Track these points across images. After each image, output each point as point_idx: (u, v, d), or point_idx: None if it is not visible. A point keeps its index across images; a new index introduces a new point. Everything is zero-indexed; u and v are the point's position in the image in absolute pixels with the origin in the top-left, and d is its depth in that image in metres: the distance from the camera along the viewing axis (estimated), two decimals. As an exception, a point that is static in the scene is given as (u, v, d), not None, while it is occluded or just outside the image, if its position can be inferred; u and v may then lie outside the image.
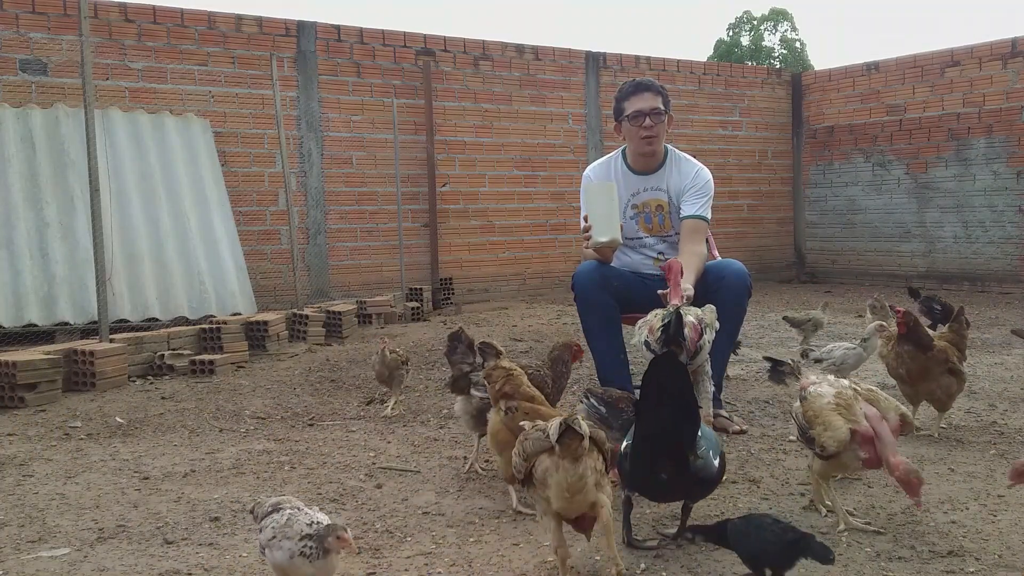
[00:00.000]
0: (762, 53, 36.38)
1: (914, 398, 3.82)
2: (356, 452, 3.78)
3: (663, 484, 2.43)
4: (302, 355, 6.50)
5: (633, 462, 2.44)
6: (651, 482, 2.45)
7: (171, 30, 8.40)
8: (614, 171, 4.31)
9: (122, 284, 6.98)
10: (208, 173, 7.79)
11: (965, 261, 10.82)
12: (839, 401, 2.65)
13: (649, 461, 2.39)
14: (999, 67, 10.39)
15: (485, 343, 3.08)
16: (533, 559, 2.52)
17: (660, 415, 2.33)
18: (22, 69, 7.66)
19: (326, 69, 9.25)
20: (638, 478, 2.48)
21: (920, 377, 3.71)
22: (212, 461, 3.67)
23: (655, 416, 2.34)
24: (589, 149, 10.94)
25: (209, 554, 2.63)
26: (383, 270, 9.57)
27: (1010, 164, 10.32)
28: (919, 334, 3.76)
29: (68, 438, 4.13)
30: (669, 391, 2.31)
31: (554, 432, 2.20)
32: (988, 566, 2.40)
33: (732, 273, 3.98)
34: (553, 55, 10.80)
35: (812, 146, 12.60)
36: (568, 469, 2.19)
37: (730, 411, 4.19)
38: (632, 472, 2.47)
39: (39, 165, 6.98)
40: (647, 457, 2.39)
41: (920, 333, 3.77)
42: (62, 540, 2.77)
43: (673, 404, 2.32)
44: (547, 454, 2.26)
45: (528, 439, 2.35)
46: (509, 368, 2.93)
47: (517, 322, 8.20)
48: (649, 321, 3.27)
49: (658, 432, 2.35)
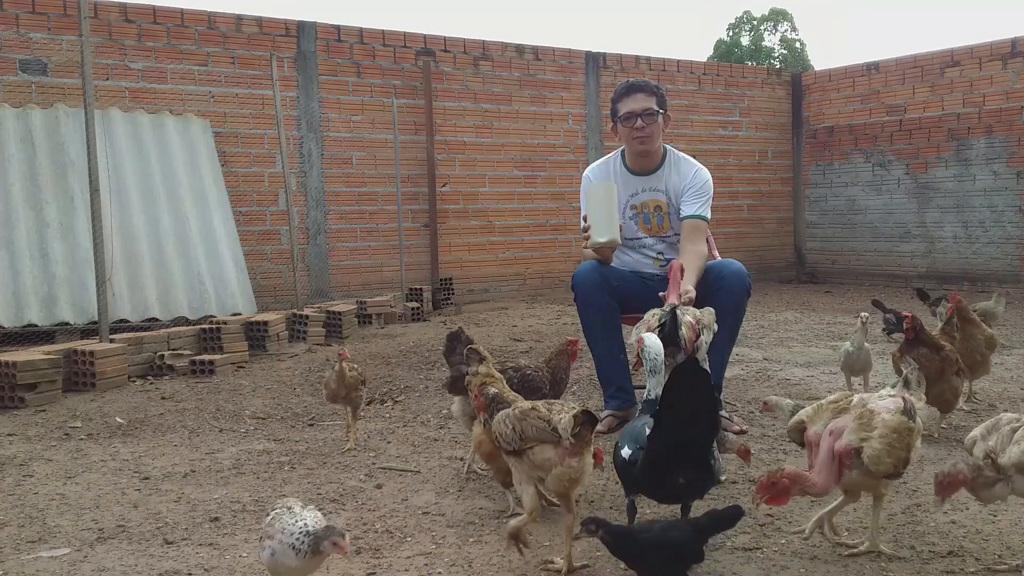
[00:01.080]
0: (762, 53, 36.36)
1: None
2: (356, 452, 3.78)
3: (679, 487, 2.39)
4: (302, 355, 6.50)
5: (648, 468, 2.38)
6: (666, 486, 2.40)
7: (171, 30, 8.40)
8: (613, 172, 4.31)
9: (122, 284, 6.98)
10: (208, 173, 7.79)
11: (965, 261, 10.82)
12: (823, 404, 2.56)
13: (670, 467, 2.34)
14: (999, 67, 10.39)
15: (471, 349, 3.06)
16: (533, 559, 2.52)
17: (686, 424, 2.28)
18: (22, 69, 7.66)
19: (326, 69, 9.25)
20: (652, 483, 2.42)
21: (936, 379, 3.63)
22: (212, 461, 3.67)
23: (680, 425, 2.28)
24: (589, 149, 10.94)
25: (209, 554, 2.63)
26: (383, 270, 9.57)
27: (1010, 164, 10.32)
28: (927, 338, 3.74)
29: (68, 438, 4.13)
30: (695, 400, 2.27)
31: (566, 427, 2.27)
32: (988, 566, 2.40)
33: (732, 273, 3.98)
34: (553, 55, 10.80)
35: (812, 146, 12.60)
36: (573, 465, 2.31)
37: (730, 411, 4.19)
38: (645, 477, 2.40)
39: (39, 165, 6.98)
40: (667, 463, 2.34)
41: (927, 335, 3.76)
42: (62, 540, 2.77)
43: (699, 413, 2.29)
44: (551, 445, 2.32)
45: (527, 421, 2.38)
46: (486, 375, 2.90)
47: (517, 322, 8.20)
48: (647, 321, 3.27)
49: (684, 440, 2.30)
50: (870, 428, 2.35)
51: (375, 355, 6.44)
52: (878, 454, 2.32)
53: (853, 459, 2.35)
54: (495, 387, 2.84)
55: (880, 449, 2.32)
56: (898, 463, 2.36)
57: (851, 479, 2.39)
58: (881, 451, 2.32)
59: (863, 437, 2.35)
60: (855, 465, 2.35)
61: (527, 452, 2.38)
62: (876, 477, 2.37)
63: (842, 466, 2.37)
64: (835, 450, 2.36)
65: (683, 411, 2.28)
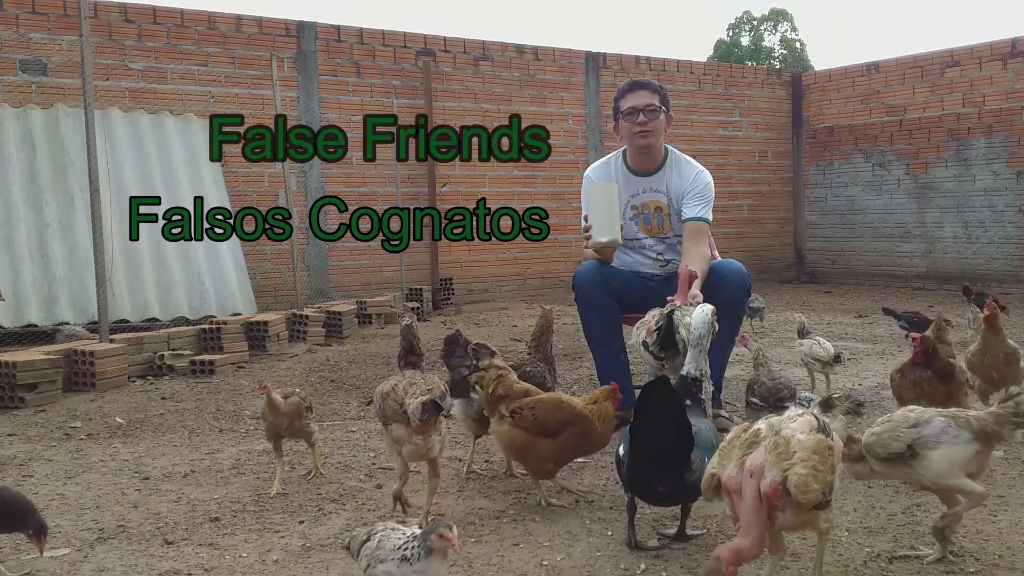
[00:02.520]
0: (762, 53, 36.38)
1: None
2: (356, 452, 3.78)
3: (661, 495, 2.48)
4: (302, 355, 6.50)
5: (631, 472, 2.47)
6: (649, 492, 2.49)
7: (171, 30, 8.40)
8: (614, 172, 4.31)
9: (122, 284, 6.98)
10: (208, 173, 7.79)
11: (965, 261, 10.82)
12: (728, 442, 2.19)
13: (647, 476, 2.42)
14: (999, 67, 10.39)
15: (480, 344, 3.08)
16: (533, 559, 2.52)
17: (653, 440, 2.37)
18: (22, 69, 7.66)
19: (326, 69, 9.25)
20: (636, 487, 2.51)
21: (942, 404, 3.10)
22: (212, 461, 3.67)
23: (649, 440, 2.37)
24: (589, 149, 10.94)
25: (209, 554, 2.63)
26: (383, 270, 9.57)
27: (1010, 164, 10.32)
28: (939, 361, 3.28)
29: (68, 438, 4.13)
30: (661, 420, 2.34)
31: (414, 412, 2.57)
32: (988, 566, 2.40)
33: (732, 273, 3.98)
34: (553, 55, 10.80)
35: (812, 146, 12.60)
36: (419, 443, 2.65)
37: (730, 411, 4.18)
38: (630, 480, 2.50)
39: (39, 165, 6.98)
40: (645, 473, 2.42)
41: (940, 360, 3.28)
42: (62, 540, 2.77)
43: (666, 431, 2.35)
44: (403, 424, 2.65)
45: (388, 401, 2.71)
46: (500, 368, 2.95)
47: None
48: (646, 322, 3.27)
49: (654, 453, 2.38)
50: (789, 455, 2.03)
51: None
52: (804, 480, 1.99)
53: (783, 496, 2.00)
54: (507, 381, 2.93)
55: (805, 475, 2.00)
56: (826, 488, 2.03)
57: (786, 521, 2.05)
58: (807, 476, 2.00)
59: (784, 468, 2.01)
60: (788, 504, 2.01)
61: (389, 427, 2.72)
62: (808, 510, 2.03)
63: (773, 510, 2.02)
64: (763, 492, 2.01)
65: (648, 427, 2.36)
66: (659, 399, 2.34)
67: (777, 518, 2.03)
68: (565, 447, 2.87)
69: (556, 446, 2.85)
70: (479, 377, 2.97)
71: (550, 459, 2.88)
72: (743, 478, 2.04)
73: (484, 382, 2.96)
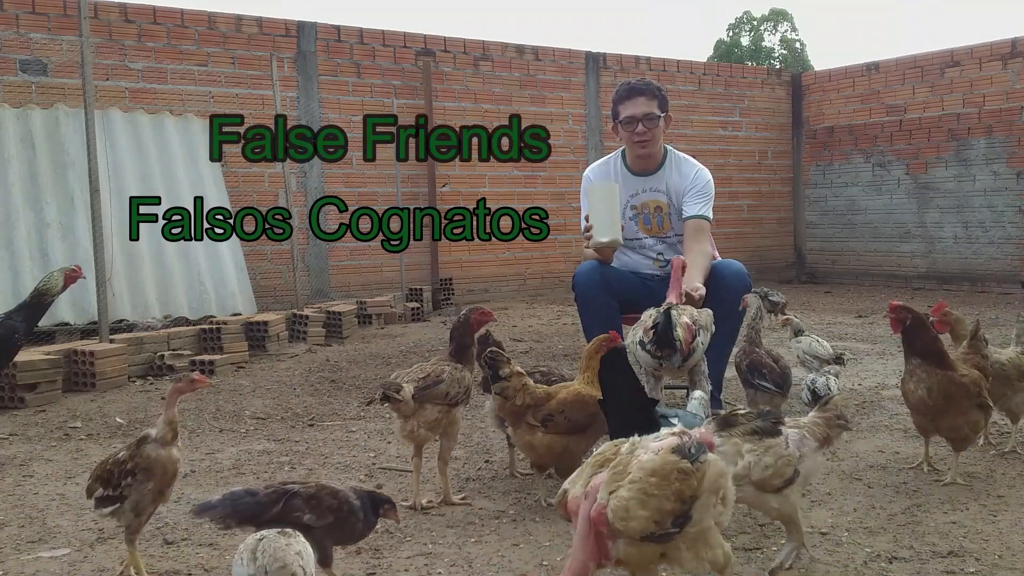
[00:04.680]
0: (762, 53, 36.39)
1: (928, 431, 3.17)
2: (356, 452, 3.78)
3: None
4: (302, 355, 6.50)
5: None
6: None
7: (171, 30, 8.40)
8: (614, 172, 4.31)
9: (122, 284, 6.98)
10: (208, 173, 7.78)
11: (965, 261, 10.82)
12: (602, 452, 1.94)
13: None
14: (999, 67, 10.39)
15: (494, 351, 2.89)
16: (533, 559, 2.52)
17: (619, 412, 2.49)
18: (22, 69, 7.66)
19: (326, 69, 9.25)
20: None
21: (942, 407, 2.97)
22: (212, 461, 3.67)
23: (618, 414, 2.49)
24: (589, 149, 10.94)
25: (209, 554, 2.63)
26: (383, 270, 9.57)
27: (1010, 164, 10.31)
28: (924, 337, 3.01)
29: (68, 438, 4.13)
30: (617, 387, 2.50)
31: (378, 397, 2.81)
32: (988, 566, 2.40)
33: (732, 273, 3.99)
34: (553, 55, 10.80)
35: (812, 146, 12.60)
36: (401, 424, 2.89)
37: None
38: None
39: (39, 165, 6.98)
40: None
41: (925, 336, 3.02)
42: (62, 540, 2.77)
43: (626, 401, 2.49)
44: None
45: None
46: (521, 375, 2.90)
47: (517, 322, 8.20)
48: (644, 321, 3.27)
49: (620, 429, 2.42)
50: (622, 477, 1.76)
51: (375, 355, 6.44)
52: (624, 505, 1.70)
53: (608, 523, 1.73)
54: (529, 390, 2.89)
55: (627, 499, 1.70)
56: (662, 517, 1.72)
57: (622, 553, 1.76)
58: (629, 500, 1.70)
59: (612, 490, 1.75)
60: (616, 531, 1.74)
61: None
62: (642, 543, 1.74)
63: (600, 537, 1.74)
64: (591, 516, 1.74)
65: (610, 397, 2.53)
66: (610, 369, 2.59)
67: (608, 548, 1.75)
68: (592, 435, 2.91)
69: (588, 438, 2.90)
70: (502, 388, 2.84)
71: (583, 452, 2.88)
72: (581, 499, 1.79)
73: (509, 393, 2.83)
